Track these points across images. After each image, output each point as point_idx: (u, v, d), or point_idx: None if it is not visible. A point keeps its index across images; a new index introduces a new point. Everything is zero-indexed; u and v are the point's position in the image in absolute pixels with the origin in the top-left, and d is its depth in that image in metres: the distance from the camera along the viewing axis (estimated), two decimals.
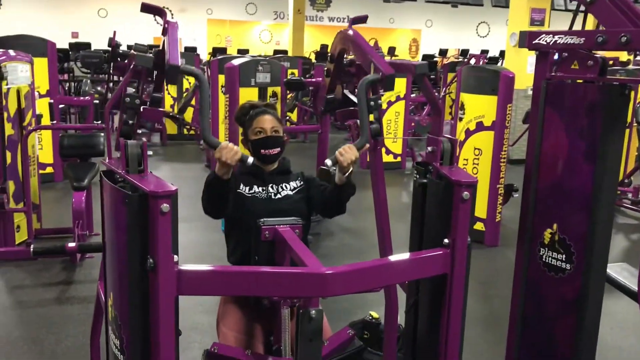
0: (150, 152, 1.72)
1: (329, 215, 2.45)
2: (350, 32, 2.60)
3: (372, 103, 2.64)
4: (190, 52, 11.60)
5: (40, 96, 6.74)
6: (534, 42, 2.47)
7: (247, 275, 1.57)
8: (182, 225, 5.61)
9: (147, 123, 10.68)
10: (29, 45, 6.52)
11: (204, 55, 16.80)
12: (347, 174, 2.16)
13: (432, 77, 14.86)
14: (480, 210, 5.33)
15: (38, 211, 5.18)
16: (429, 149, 1.96)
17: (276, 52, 15.74)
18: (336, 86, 2.73)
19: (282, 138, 2.40)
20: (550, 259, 2.54)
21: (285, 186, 2.38)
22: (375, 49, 3.12)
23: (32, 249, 4.06)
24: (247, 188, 2.34)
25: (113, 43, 6.37)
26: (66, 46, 13.31)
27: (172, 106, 10.41)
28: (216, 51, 12.95)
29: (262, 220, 2.08)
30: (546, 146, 2.51)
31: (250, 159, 2.08)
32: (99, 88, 10.56)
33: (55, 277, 4.35)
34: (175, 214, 1.58)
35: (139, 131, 2.33)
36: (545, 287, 2.57)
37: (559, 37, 2.39)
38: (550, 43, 2.42)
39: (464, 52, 16.42)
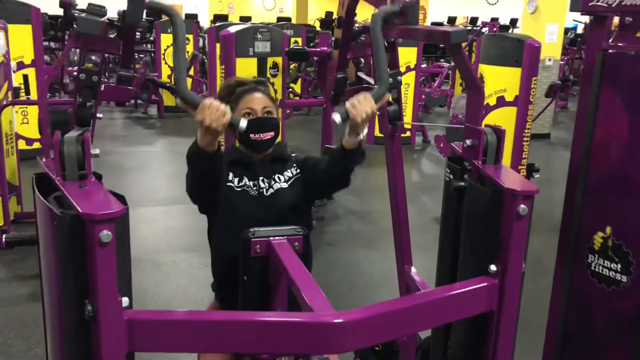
0: (96, 151, 1.27)
1: (329, 191, 2.02)
2: None
3: (390, 79, 2.19)
4: (190, 20, 11.04)
5: (25, 67, 6.26)
6: (590, 4, 2.00)
7: (227, 326, 1.14)
8: (174, 208, 5.22)
9: (144, 94, 10.21)
10: (8, 11, 6.01)
11: (206, 23, 16.18)
12: (359, 136, 1.70)
13: (441, 45, 14.27)
14: None
15: (17, 193, 4.75)
16: (468, 142, 1.51)
17: (279, 19, 15.10)
18: (348, 62, 2.21)
19: (276, 120, 1.94)
20: (601, 267, 2.11)
21: (279, 177, 1.93)
22: None
23: (4, 239, 3.64)
24: (237, 180, 1.90)
25: (65, 1, 5.53)
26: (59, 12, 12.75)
27: (169, 77, 9.92)
28: (217, 18, 12.36)
29: (251, 231, 1.65)
30: (600, 131, 2.06)
31: (244, 123, 1.62)
32: (92, 57, 10.05)
33: (32, 269, 3.92)
34: (123, 242, 1.14)
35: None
36: (594, 301, 2.15)
37: None
38: (613, 5, 1.95)
39: (473, 20, 15.79)
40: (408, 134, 8.10)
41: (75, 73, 7.41)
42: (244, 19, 13.95)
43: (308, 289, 1.28)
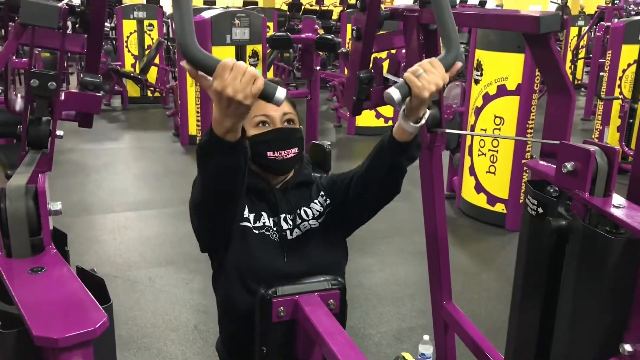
0: (57, 206, 0.84)
1: (374, 204, 1.49)
2: None
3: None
4: (153, 4, 10.45)
5: None
6: None
7: None
8: (146, 213, 4.68)
9: (106, 84, 9.61)
10: None
11: (169, 8, 15.50)
12: (421, 120, 1.27)
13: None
14: (502, 189, 4.54)
15: None
16: (568, 166, 1.12)
17: (245, 3, 14.55)
18: (371, 57, 1.71)
19: (300, 132, 1.51)
20: None
21: (306, 213, 1.51)
22: None
23: None
24: (253, 217, 1.46)
25: None
26: None
27: (133, 65, 9.35)
28: None
29: (271, 291, 1.24)
30: None
31: (282, 93, 1.07)
32: None
33: None
34: None
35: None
36: None
37: None
38: None
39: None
40: (390, 123, 7.71)
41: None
42: (208, 4, 13.35)
43: None
